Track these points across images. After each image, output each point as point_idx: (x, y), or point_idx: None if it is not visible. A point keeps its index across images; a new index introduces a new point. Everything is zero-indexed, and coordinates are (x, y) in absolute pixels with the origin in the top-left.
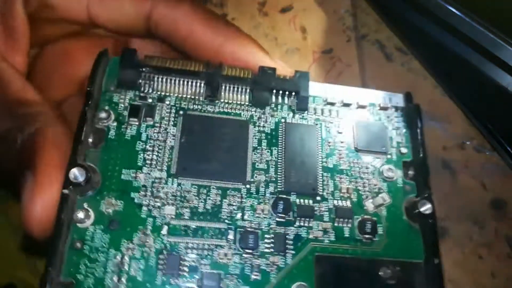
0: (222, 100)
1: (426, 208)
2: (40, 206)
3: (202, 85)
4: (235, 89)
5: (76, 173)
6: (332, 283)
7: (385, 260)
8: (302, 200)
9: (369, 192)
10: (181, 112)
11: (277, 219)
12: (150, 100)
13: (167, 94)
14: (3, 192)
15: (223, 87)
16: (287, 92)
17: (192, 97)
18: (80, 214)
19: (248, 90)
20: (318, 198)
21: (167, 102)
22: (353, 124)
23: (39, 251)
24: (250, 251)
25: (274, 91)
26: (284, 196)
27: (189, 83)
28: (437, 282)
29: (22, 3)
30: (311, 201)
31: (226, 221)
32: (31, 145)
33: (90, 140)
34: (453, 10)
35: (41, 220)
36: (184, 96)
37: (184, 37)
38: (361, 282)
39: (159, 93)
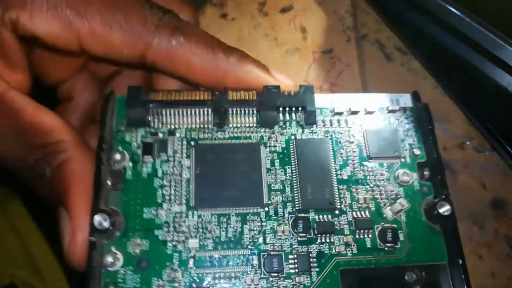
0: (230, 125)
1: (445, 209)
2: (80, 242)
3: (210, 112)
4: (242, 112)
5: (101, 220)
6: None
7: (409, 266)
8: (321, 216)
9: (386, 199)
10: (192, 143)
11: (299, 238)
12: (161, 135)
13: (177, 126)
14: (4, 191)
15: (230, 112)
16: (293, 108)
17: (201, 126)
18: (109, 258)
19: (255, 112)
20: (337, 212)
21: (178, 135)
22: (363, 132)
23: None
24: (275, 274)
25: (281, 109)
26: (303, 214)
27: (197, 112)
28: (463, 282)
29: (8, 27)
30: (330, 216)
31: (249, 246)
32: (60, 180)
33: (109, 183)
34: (453, 10)
35: (81, 254)
36: (193, 126)
37: (183, 72)
38: None
39: (168, 126)
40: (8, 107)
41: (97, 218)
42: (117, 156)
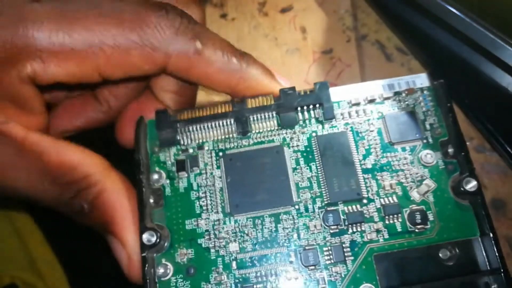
0: (253, 132)
1: (471, 185)
2: (136, 263)
3: (232, 122)
4: (262, 117)
5: (149, 237)
6: (395, 278)
7: (442, 244)
8: (350, 207)
9: (412, 182)
10: (220, 154)
11: (331, 231)
12: (191, 151)
13: (204, 140)
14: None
15: (251, 119)
16: (311, 106)
17: (226, 136)
18: (161, 270)
19: (274, 115)
20: (365, 201)
21: (206, 148)
22: (382, 119)
23: None
24: (313, 267)
25: (299, 108)
26: (332, 207)
27: (220, 124)
28: (496, 254)
29: (26, 81)
30: (358, 206)
31: (285, 244)
32: (100, 212)
33: (151, 201)
34: (453, 10)
35: (140, 272)
36: (219, 137)
37: (199, 78)
38: (423, 269)
39: (197, 141)
40: (31, 151)
41: (145, 236)
42: (155, 176)
